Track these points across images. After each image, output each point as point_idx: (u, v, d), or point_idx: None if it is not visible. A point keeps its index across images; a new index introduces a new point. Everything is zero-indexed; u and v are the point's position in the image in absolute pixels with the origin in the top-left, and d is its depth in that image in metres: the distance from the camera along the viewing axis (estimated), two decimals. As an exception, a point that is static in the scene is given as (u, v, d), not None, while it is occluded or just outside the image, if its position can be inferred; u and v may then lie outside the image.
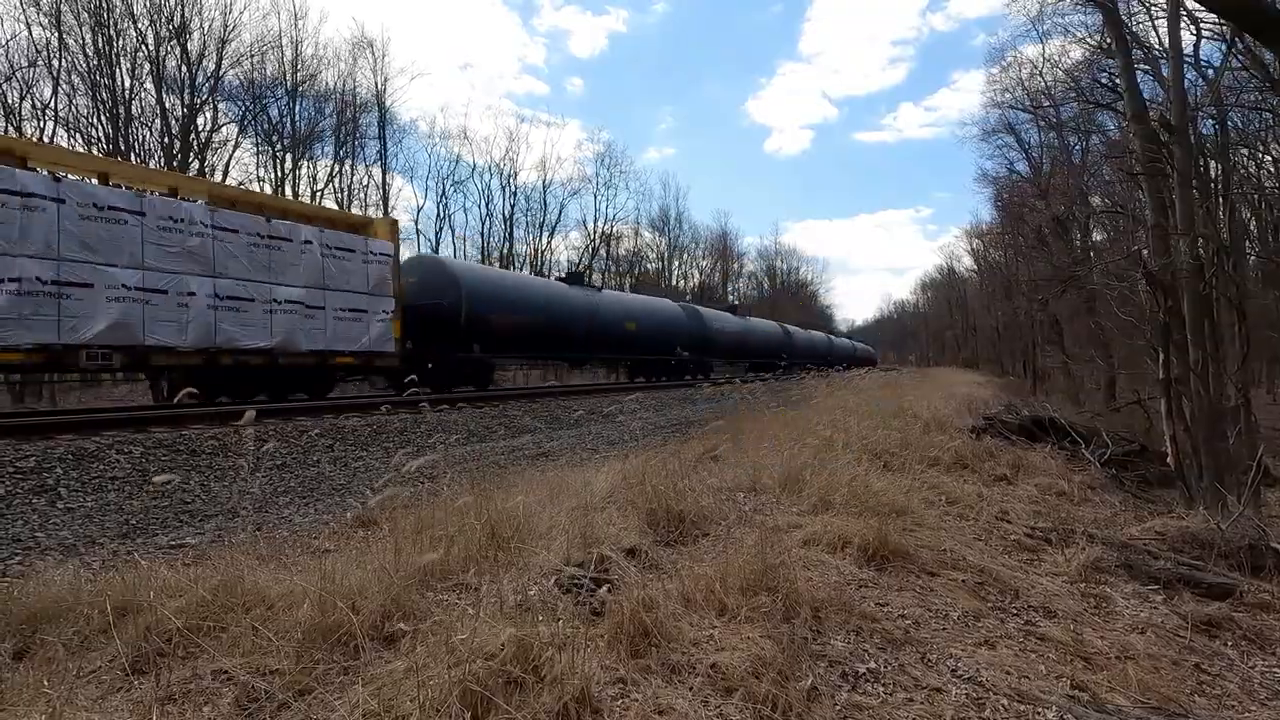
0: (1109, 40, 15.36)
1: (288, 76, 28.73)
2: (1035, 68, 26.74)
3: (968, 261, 60.70)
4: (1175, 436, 10.09)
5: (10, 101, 22.69)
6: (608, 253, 46.18)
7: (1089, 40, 20.57)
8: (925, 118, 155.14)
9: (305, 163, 30.07)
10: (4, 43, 22.87)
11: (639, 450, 6.19)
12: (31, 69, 23.03)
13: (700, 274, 57.92)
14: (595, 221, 44.96)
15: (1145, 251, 12.73)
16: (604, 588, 2.71)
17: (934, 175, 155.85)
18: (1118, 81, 15.59)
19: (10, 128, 22.60)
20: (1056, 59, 24.98)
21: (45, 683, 2.00)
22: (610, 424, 9.94)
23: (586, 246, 44.59)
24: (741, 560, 2.84)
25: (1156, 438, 11.44)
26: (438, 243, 36.57)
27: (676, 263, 54.42)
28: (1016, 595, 3.23)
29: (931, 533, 3.97)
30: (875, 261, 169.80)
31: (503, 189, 40.13)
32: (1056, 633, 2.80)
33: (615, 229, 46.27)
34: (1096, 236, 26.77)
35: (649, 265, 50.70)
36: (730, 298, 57.44)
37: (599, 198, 45.83)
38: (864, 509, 3.98)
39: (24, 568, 3.38)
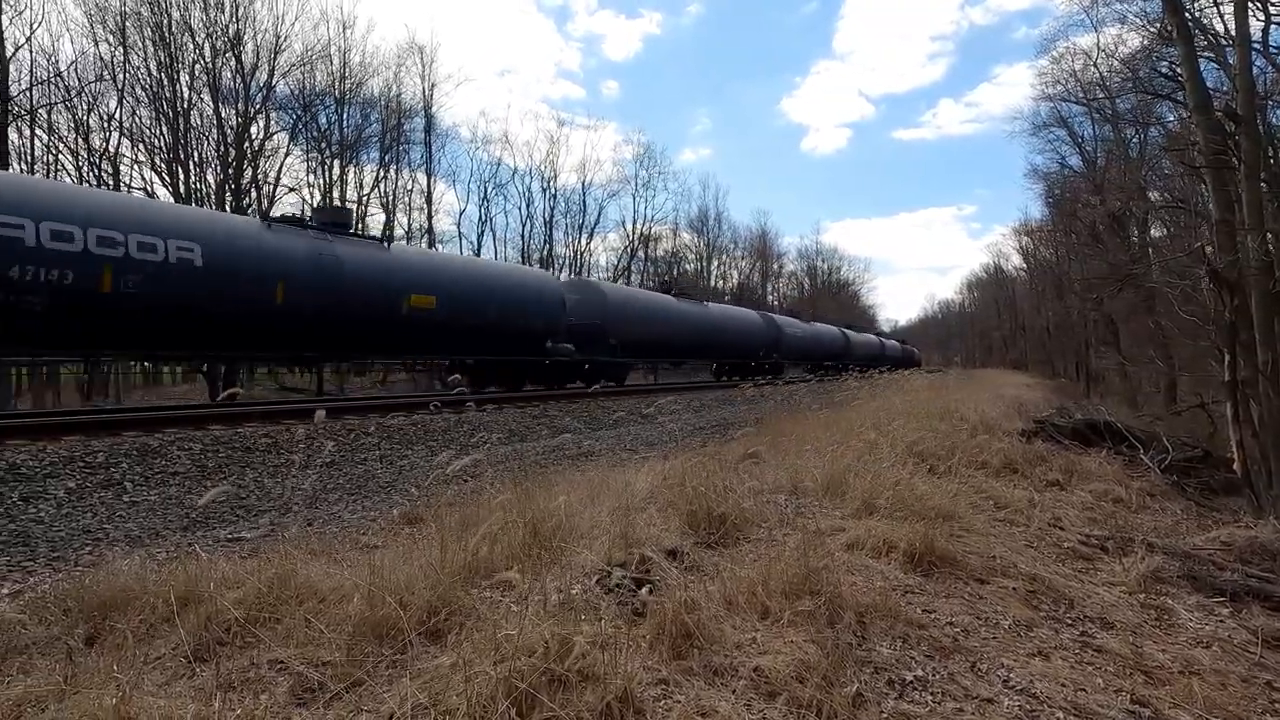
0: (1169, 27, 14.72)
1: (336, 85, 29.58)
2: (1089, 58, 25.85)
3: (1016, 260, 59.00)
4: (1242, 442, 9.62)
5: (79, 114, 23.89)
6: (646, 254, 46.26)
7: (1148, 28, 19.76)
8: (966, 114, 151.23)
9: (352, 168, 30.92)
10: (74, 59, 24.08)
11: (678, 451, 6.18)
12: (98, 83, 24.22)
13: (739, 274, 57.58)
14: (634, 223, 45.11)
15: (1209, 248, 12.17)
16: (645, 588, 2.72)
17: (977, 172, 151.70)
18: (1179, 71, 14.92)
19: (79, 138, 23.80)
20: (1112, 48, 24.09)
21: (115, 667, 2.10)
22: (649, 425, 9.95)
23: (625, 248, 44.76)
24: (784, 563, 2.81)
25: (1221, 443, 10.93)
26: (479, 246, 37.18)
27: (715, 263, 54.20)
28: (1071, 605, 3.13)
29: (980, 538, 3.87)
30: (917, 261, 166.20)
31: (543, 191, 40.62)
32: (1115, 645, 2.70)
33: (654, 230, 46.34)
34: (1155, 233, 25.67)
35: (687, 266, 50.60)
36: (770, 298, 56.98)
37: (638, 199, 45.99)
38: (909, 513, 3.90)
39: (94, 558, 3.55)
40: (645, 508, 4.00)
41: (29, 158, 23.18)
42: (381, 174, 31.88)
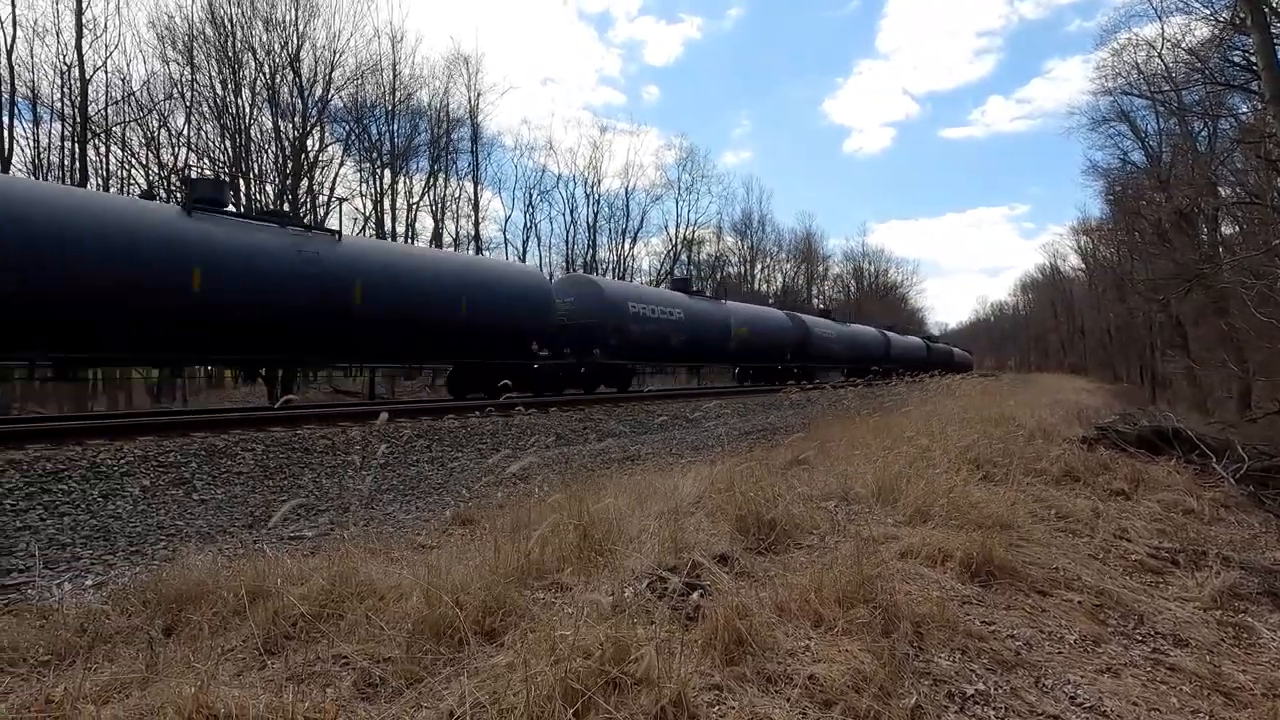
0: (1242, 15, 14.01)
1: (387, 97, 30.45)
2: (1152, 49, 24.73)
3: (1074, 260, 56.82)
4: (1326, 451, 9.03)
5: (151, 131, 25.18)
6: (689, 257, 46.17)
7: (1217, 16, 18.81)
8: (1017, 110, 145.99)
9: (402, 177, 31.76)
10: (146, 79, 25.41)
11: (724, 456, 6.15)
12: (168, 101, 25.48)
13: (784, 277, 56.98)
14: (677, 226, 45.09)
15: (1287, 245, 11.49)
16: (696, 593, 2.72)
17: (1029, 170, 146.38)
18: (1253, 60, 14.18)
19: (150, 154, 25.07)
20: (1178, 38, 23.01)
21: (192, 657, 2.21)
22: (694, 429, 9.92)
23: (668, 252, 44.76)
24: (837, 571, 2.78)
25: (1302, 452, 10.27)
26: (524, 251, 37.71)
27: (759, 266, 53.76)
28: (1141, 620, 3.00)
29: (1041, 549, 3.74)
30: (968, 262, 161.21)
31: (586, 197, 40.93)
32: (1190, 664, 2.58)
33: (696, 234, 46.22)
34: (1227, 230, 24.37)
35: (730, 269, 50.32)
36: (815, 301, 56.19)
37: (680, 202, 45.84)
38: (965, 522, 3.80)
39: (168, 552, 3.73)
40: (693, 512, 3.99)
41: (105, 173, 24.53)
42: (430, 182, 32.68)
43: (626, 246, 42.25)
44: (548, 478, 4.94)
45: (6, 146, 22.15)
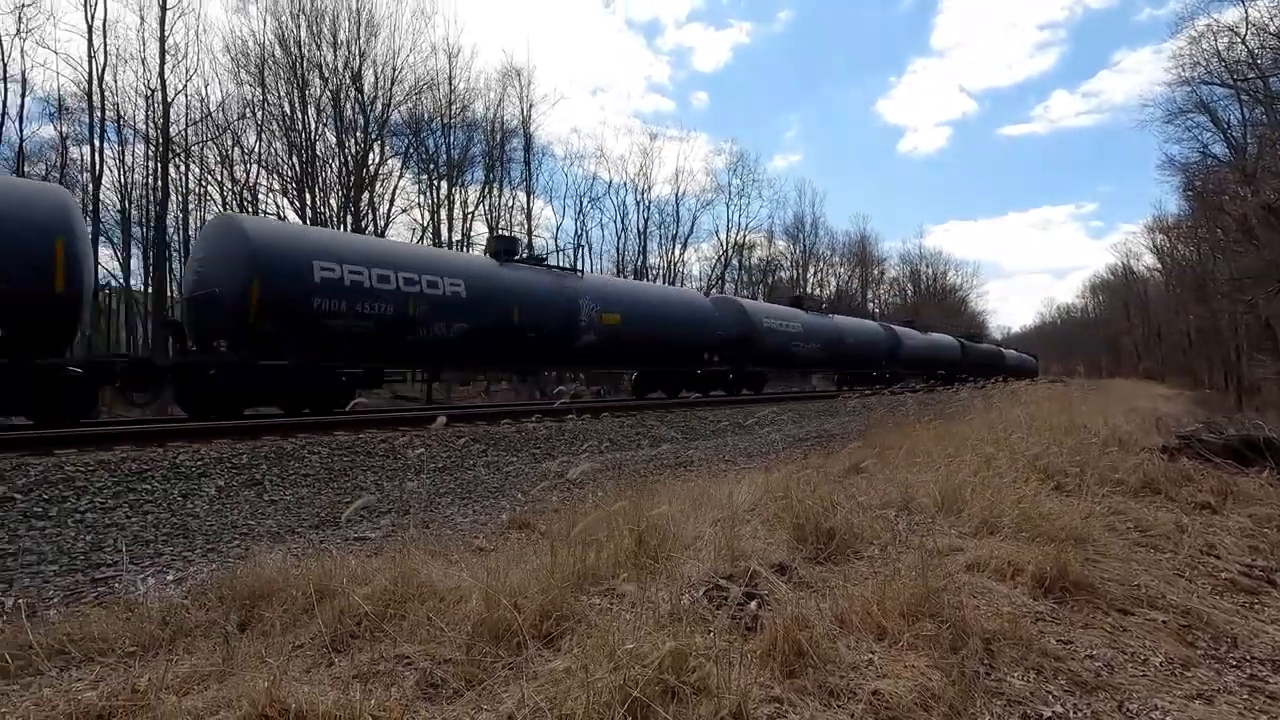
0: (1337, -5, 13.05)
1: (443, 110, 31.32)
2: (1235, 34, 23.35)
3: (1149, 259, 54.06)
4: None
5: (225, 149, 26.56)
6: (740, 262, 45.85)
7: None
8: (1082, 105, 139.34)
9: (458, 189, 32.58)
10: (221, 100, 26.84)
11: (779, 463, 6.05)
12: (240, 120, 26.84)
13: (837, 281, 55.93)
14: (727, 231, 44.83)
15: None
16: (754, 602, 2.68)
17: (1097, 167, 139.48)
18: (1350, 42, 13.18)
19: (224, 171, 26.45)
20: (1264, 22, 21.64)
21: (265, 652, 2.30)
22: (748, 435, 9.82)
23: (719, 257, 44.55)
24: (900, 583, 2.69)
25: None
26: (576, 258, 38.11)
27: (812, 270, 52.93)
28: (1234, 644, 2.80)
29: (1120, 564, 3.54)
30: (1032, 263, 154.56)
31: (637, 204, 41.14)
32: (1292, 691, 2.39)
33: (747, 238, 45.85)
34: (1321, 225, 22.68)
35: (782, 274, 49.70)
36: (870, 305, 54.99)
37: (731, 207, 45.66)
38: (1036, 534, 3.63)
39: (241, 551, 3.89)
40: (748, 520, 3.94)
41: (184, 189, 25.98)
42: (485, 192, 33.41)
43: (677, 252, 42.27)
44: (601, 483, 4.96)
45: (98, 167, 23.71)
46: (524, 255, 14.87)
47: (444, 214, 31.58)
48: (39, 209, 7.88)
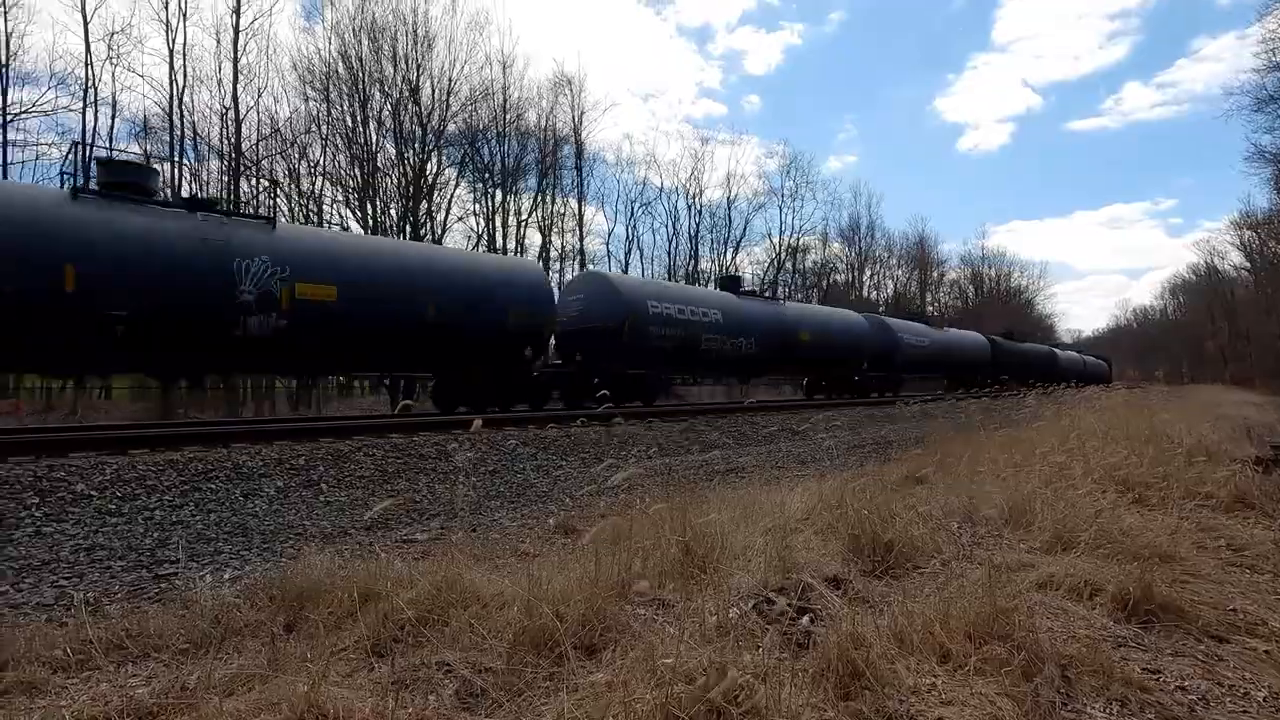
0: None
1: (497, 120, 31.93)
2: (1334, 15, 21.62)
3: (1235, 257, 50.76)
4: None
5: (293, 163, 27.72)
6: (793, 265, 45.15)
7: None
8: (1158, 96, 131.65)
9: (511, 196, 33.13)
10: (289, 116, 28.04)
11: (834, 470, 5.85)
12: (306, 135, 27.98)
13: (895, 283, 54.46)
14: (780, 234, 44.22)
15: None
16: (806, 617, 2.55)
17: (1175, 161, 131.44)
18: None
19: (292, 183, 27.59)
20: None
21: (309, 655, 2.30)
22: (801, 441, 9.57)
23: (771, 260, 43.99)
24: (965, 600, 2.51)
25: None
26: (627, 264, 38.23)
27: (868, 272, 51.71)
28: (1351, 678, 2.50)
29: (1212, 586, 3.25)
30: (1104, 263, 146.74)
31: (688, 208, 41.02)
32: None
33: (801, 241, 45.12)
34: None
35: (837, 277, 48.69)
36: (929, 308, 53.34)
37: (784, 209, 44.89)
38: (1115, 550, 3.37)
39: (295, 551, 3.97)
40: (801, 529, 3.79)
41: (256, 202, 27.21)
42: (538, 200, 33.88)
43: (729, 256, 41.94)
44: (649, 489, 4.88)
45: (177, 182, 25.07)
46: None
47: (498, 221, 32.17)
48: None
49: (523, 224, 33.32)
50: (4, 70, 21.89)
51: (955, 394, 20.67)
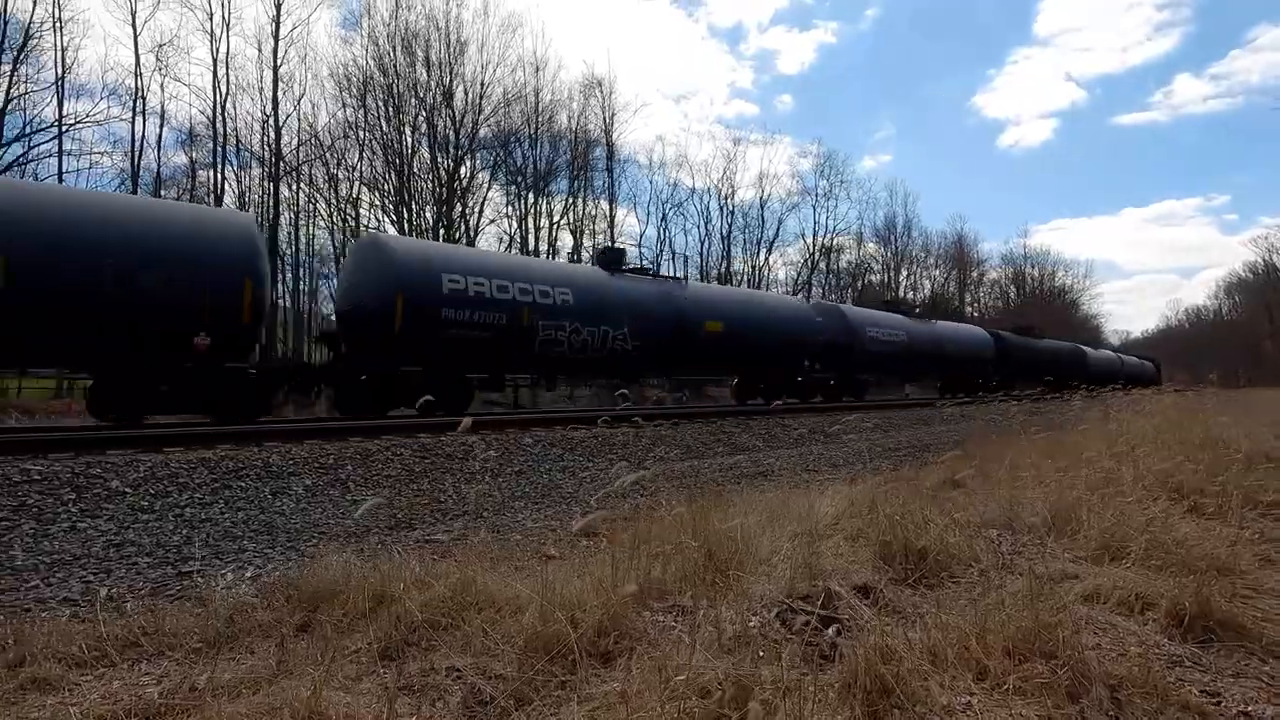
0: None
1: (529, 123, 32.17)
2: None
3: (1296, 255, 48.26)
4: None
5: (331, 168, 28.33)
6: (827, 266, 44.54)
7: None
8: (1210, 88, 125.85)
9: (543, 199, 33.33)
10: (327, 122, 28.66)
11: (866, 474, 5.67)
12: (344, 140, 28.56)
13: (932, 284, 53.33)
14: (814, 234, 43.68)
15: None
16: (832, 628, 2.42)
17: (1230, 155, 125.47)
18: None
19: (330, 188, 28.19)
20: None
21: (319, 657, 2.25)
22: (833, 444, 9.36)
23: (804, 261, 43.48)
24: (1005, 613, 2.36)
25: None
26: (658, 265, 38.14)
27: (904, 273, 50.76)
28: None
29: (1277, 601, 3.02)
30: (1154, 262, 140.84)
31: (720, 208, 40.79)
32: None
33: (835, 241, 44.51)
34: None
35: (872, 277, 47.89)
36: (968, 309, 52.14)
37: (818, 209, 44.37)
38: (1169, 562, 3.17)
39: (315, 550, 3.96)
40: (830, 535, 3.65)
41: (296, 206, 27.89)
42: (569, 202, 34.02)
43: (762, 257, 41.57)
44: (674, 492, 4.78)
45: (219, 187, 25.82)
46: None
47: (530, 224, 32.40)
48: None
49: (555, 226, 33.51)
50: (60, 83, 22.80)
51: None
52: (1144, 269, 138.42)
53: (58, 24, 22.88)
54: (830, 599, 2.60)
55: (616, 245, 24.53)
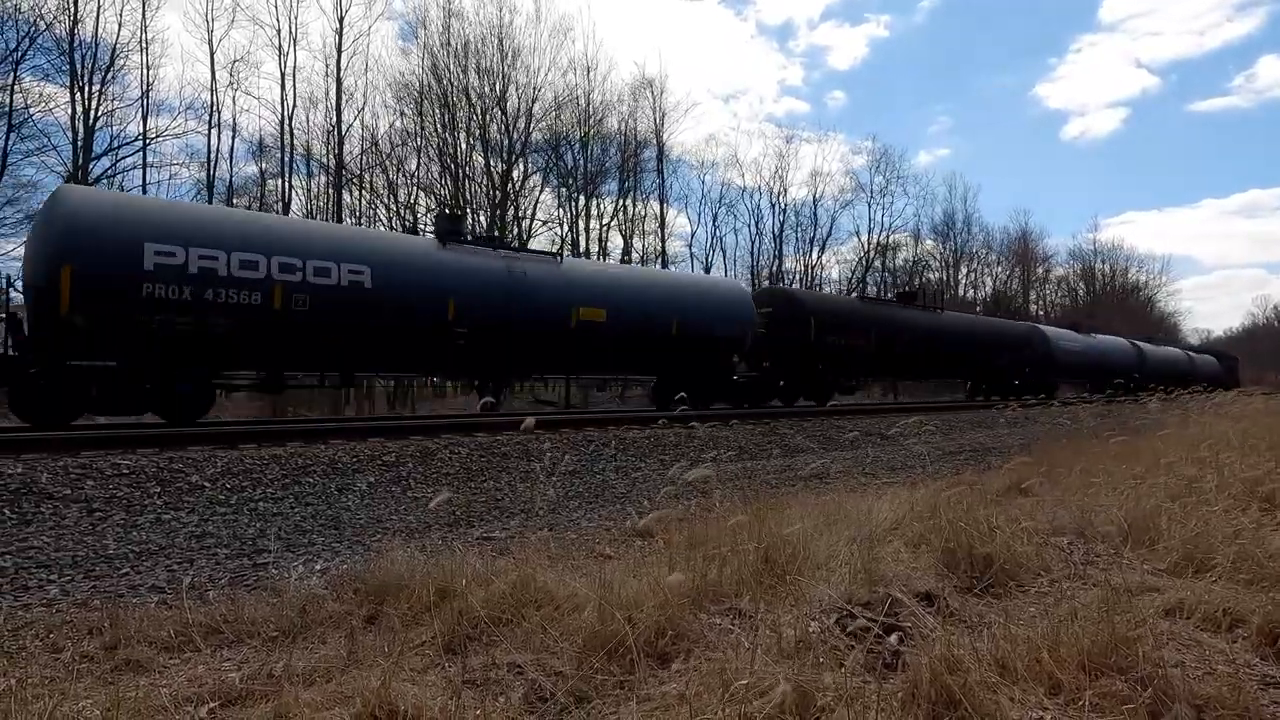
0: None
1: (580, 125, 32.47)
2: None
3: (1403, 246, 44.53)
4: None
5: (390, 174, 29.23)
6: (883, 264, 43.48)
7: None
8: None
9: (594, 200, 33.60)
10: (386, 130, 29.58)
11: (926, 478, 5.52)
12: (402, 147, 29.43)
13: (994, 281, 51.43)
14: (869, 232, 42.69)
15: None
16: (894, 635, 2.36)
17: None
18: None
19: (389, 194, 29.09)
20: None
21: (387, 648, 2.34)
22: (890, 447, 9.14)
23: (859, 259, 42.54)
24: (1079, 625, 2.26)
25: None
26: (708, 265, 37.96)
27: (964, 270, 49.08)
28: None
29: (1384, 621, 2.80)
30: (1237, 256, 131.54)
31: (772, 207, 40.30)
32: None
33: (892, 238, 43.39)
34: None
35: (930, 275, 46.49)
36: (1034, 307, 50.13)
37: (873, 206, 43.30)
38: (1260, 575, 2.98)
39: (380, 544, 4.10)
40: (889, 540, 3.57)
41: (358, 213, 28.88)
42: (620, 203, 34.20)
43: (815, 255, 40.87)
44: (729, 493, 4.75)
45: (287, 196, 26.97)
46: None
47: (581, 225, 32.70)
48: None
49: (605, 228, 33.71)
50: (145, 99, 24.21)
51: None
52: (1227, 263, 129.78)
53: (143, 45, 24.32)
54: (891, 605, 2.54)
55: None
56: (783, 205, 40.26)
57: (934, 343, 20.22)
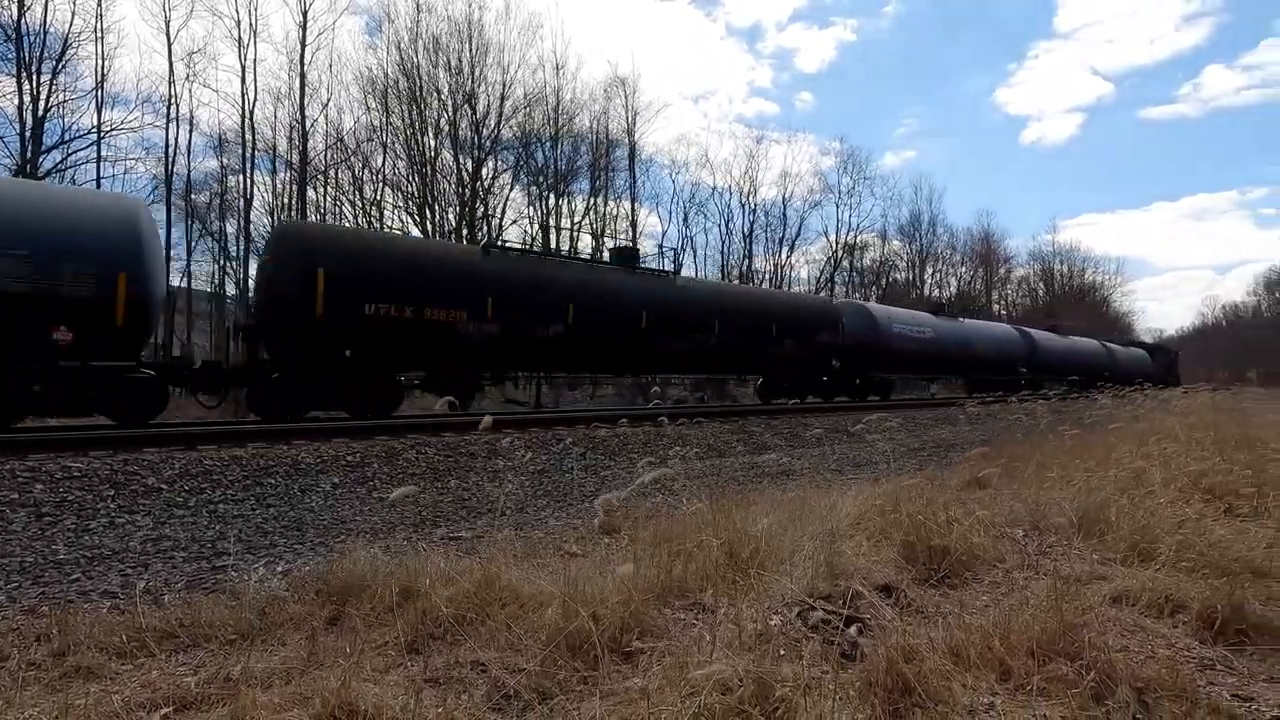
0: None
1: (550, 123, 32.29)
2: None
3: (1340, 249, 46.65)
4: None
5: (356, 171, 28.72)
6: (851, 264, 44.11)
7: None
8: (1242, 79, 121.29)
9: (565, 199, 33.44)
10: (351, 126, 29.06)
11: (890, 474, 5.62)
12: (368, 144, 28.94)
13: (958, 281, 52.51)
14: (837, 232, 43.27)
15: None
16: (854, 627, 2.42)
17: (1265, 147, 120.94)
18: None
19: (355, 190, 28.59)
20: None
21: (348, 649, 2.31)
22: (856, 444, 9.29)
23: (828, 259, 43.09)
24: (1029, 614, 2.34)
25: None
26: (679, 264, 38.10)
27: (930, 270, 50.05)
28: None
29: (1315, 606, 2.95)
30: (1187, 258, 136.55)
31: (742, 207, 40.59)
32: None
33: (859, 239, 44.05)
34: None
35: (897, 275, 47.31)
36: (995, 307, 51.33)
37: (841, 206, 43.99)
38: (1201, 564, 3.11)
39: (343, 546, 4.04)
40: (852, 535, 3.64)
41: (321, 209, 28.31)
42: (591, 202, 34.10)
43: (784, 255, 41.27)
44: (696, 490, 4.79)
45: (249, 192, 26.33)
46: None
47: (552, 223, 32.51)
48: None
49: (576, 227, 33.59)
50: (99, 91, 23.40)
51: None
52: (1177, 265, 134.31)
53: (98, 35, 23.50)
54: (852, 598, 2.60)
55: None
56: (753, 205, 40.59)
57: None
